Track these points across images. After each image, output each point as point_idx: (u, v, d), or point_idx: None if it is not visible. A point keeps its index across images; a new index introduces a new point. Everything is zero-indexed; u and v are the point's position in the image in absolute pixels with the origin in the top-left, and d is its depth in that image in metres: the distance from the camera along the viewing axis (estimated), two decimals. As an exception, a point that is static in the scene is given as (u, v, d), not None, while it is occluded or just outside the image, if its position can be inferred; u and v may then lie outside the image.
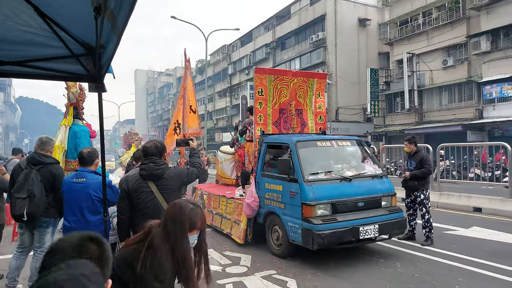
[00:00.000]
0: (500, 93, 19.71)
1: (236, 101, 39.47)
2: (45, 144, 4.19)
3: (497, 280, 4.54)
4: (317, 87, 7.20)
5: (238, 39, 41.65)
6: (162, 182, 3.00)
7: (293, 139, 5.60)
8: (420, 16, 23.85)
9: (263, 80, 6.61)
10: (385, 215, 5.31)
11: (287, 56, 32.51)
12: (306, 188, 4.98)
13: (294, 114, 7.06)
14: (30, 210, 3.79)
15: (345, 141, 6.09)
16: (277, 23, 34.44)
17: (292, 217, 5.16)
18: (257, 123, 6.57)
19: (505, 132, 20.18)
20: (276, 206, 5.54)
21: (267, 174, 5.94)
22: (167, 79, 68.16)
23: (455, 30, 21.72)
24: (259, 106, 6.60)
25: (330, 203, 4.99)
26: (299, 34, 31.73)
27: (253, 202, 5.85)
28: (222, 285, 4.49)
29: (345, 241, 4.94)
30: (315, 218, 4.88)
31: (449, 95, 22.73)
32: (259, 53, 36.51)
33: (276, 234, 5.60)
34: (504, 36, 19.66)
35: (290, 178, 5.24)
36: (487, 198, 8.93)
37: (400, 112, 24.71)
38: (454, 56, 22.36)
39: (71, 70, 2.79)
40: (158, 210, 2.94)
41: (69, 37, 2.33)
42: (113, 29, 1.96)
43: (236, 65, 40.92)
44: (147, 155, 3.07)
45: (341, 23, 28.01)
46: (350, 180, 5.29)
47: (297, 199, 5.07)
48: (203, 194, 8.19)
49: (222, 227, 6.97)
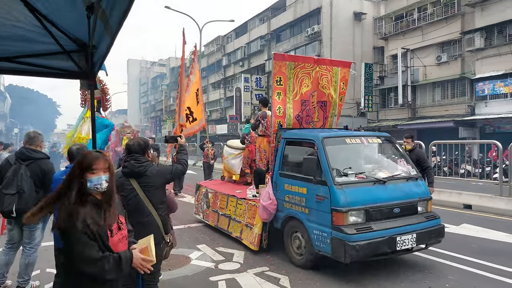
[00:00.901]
0: (492, 90, 19.82)
1: (230, 93, 39.19)
2: (33, 139, 4.09)
3: (486, 278, 4.54)
4: (341, 77, 6.44)
5: (232, 31, 41.18)
6: (144, 179, 2.96)
7: (318, 135, 4.92)
8: (415, 11, 23.76)
9: (282, 67, 5.83)
10: (423, 223, 4.70)
11: (282, 49, 32.22)
12: (336, 192, 4.35)
13: (317, 107, 6.30)
14: (19, 206, 3.72)
15: (376, 138, 5.41)
16: (272, 15, 33.99)
17: (319, 224, 4.55)
18: (275, 115, 5.86)
19: (496, 129, 20.38)
20: (299, 210, 4.91)
21: (287, 174, 5.30)
22: (160, 69, 67.35)
23: (450, 26, 21.69)
24: (277, 97, 5.86)
25: (363, 209, 4.38)
26: (294, 27, 31.36)
27: (270, 205, 5.23)
28: (215, 282, 4.46)
29: (380, 253, 4.34)
30: (348, 226, 4.27)
31: (442, 91, 22.84)
32: (254, 45, 36.09)
33: (297, 241, 5.02)
34: (498, 33, 19.70)
35: (317, 179, 4.61)
36: (477, 195, 8.92)
37: (393, 107, 24.75)
38: (448, 52, 22.40)
39: (63, 67, 2.72)
40: (140, 207, 2.92)
41: (61, 33, 2.27)
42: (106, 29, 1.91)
43: (231, 57, 40.53)
44: (130, 152, 3.04)
45: (336, 17, 27.80)
46: (385, 183, 4.66)
47: (325, 204, 4.45)
48: (208, 192, 7.36)
49: (230, 230, 6.31)
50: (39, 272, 4.72)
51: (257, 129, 6.72)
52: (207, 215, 7.23)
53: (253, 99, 34.04)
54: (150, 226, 2.91)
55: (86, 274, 1.81)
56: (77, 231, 1.77)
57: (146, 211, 2.94)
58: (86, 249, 1.78)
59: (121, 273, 1.89)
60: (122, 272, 1.88)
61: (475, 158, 14.51)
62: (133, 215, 2.80)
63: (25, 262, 4.03)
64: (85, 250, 1.77)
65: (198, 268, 4.98)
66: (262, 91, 34.43)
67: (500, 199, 8.45)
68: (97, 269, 1.79)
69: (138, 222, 2.81)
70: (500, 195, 8.56)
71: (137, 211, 2.88)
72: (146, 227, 2.87)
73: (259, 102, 7.06)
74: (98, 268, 1.80)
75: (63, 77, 2.79)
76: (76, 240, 1.77)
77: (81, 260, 1.78)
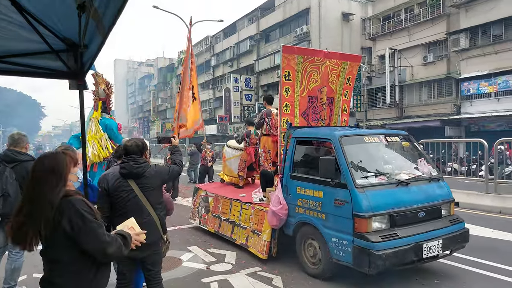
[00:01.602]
0: (477, 90, 20.17)
1: (219, 94, 39.00)
2: (18, 141, 3.95)
3: (474, 274, 4.58)
4: (348, 71, 5.98)
5: (221, 31, 40.97)
6: (142, 180, 2.96)
7: (335, 134, 4.52)
8: (402, 12, 23.99)
9: (291, 61, 5.35)
10: (448, 227, 4.37)
11: (271, 49, 32.23)
12: (359, 196, 3.95)
13: (326, 103, 5.87)
14: (4, 210, 3.59)
15: (394, 136, 4.97)
16: (261, 15, 33.86)
17: (338, 231, 4.16)
18: (283, 113, 5.47)
19: (481, 127, 20.74)
20: (314, 216, 4.49)
21: (299, 176, 4.85)
22: (148, 70, 66.61)
23: (436, 27, 21.97)
24: (286, 93, 5.42)
25: (388, 214, 4.01)
26: (283, 27, 31.30)
27: (280, 210, 4.81)
28: (207, 284, 4.39)
29: (406, 262, 3.97)
30: (372, 233, 3.88)
31: (428, 91, 23.14)
32: (243, 45, 35.91)
33: (311, 249, 4.63)
34: (482, 34, 20.04)
35: (335, 182, 4.20)
36: (465, 193, 8.96)
37: (381, 107, 24.95)
38: (434, 53, 22.70)
39: (51, 67, 2.65)
40: (139, 208, 2.91)
41: (49, 32, 2.21)
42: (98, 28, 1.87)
43: (220, 57, 40.34)
44: (128, 153, 3.02)
45: (325, 17, 27.90)
46: (408, 185, 4.29)
47: (346, 209, 4.05)
48: (208, 195, 6.85)
49: (234, 237, 5.85)
50: (26, 277, 4.60)
51: (261, 128, 6.31)
52: (205, 220, 6.79)
53: (242, 99, 33.97)
54: (149, 226, 2.89)
55: (109, 257, 1.92)
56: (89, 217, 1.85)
57: (145, 211, 2.94)
58: (103, 233, 1.88)
59: (127, 251, 2.01)
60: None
61: (461, 156, 14.80)
62: (132, 216, 2.83)
63: (11, 267, 3.91)
64: (104, 234, 1.88)
65: (189, 269, 4.90)
66: (251, 91, 34.39)
67: (487, 196, 8.62)
68: (117, 248, 1.91)
69: (138, 222, 2.84)
70: (486, 192, 8.73)
71: (136, 212, 2.86)
72: (145, 228, 2.88)
73: (263, 99, 6.70)
74: (118, 247, 1.91)
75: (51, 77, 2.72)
76: (93, 227, 1.85)
77: (101, 243, 1.85)
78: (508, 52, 18.73)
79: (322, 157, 4.31)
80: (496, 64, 19.22)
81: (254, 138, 6.87)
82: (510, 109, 18.48)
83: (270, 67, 31.56)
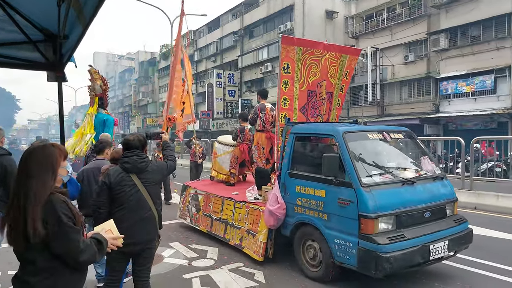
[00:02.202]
0: (455, 89, 20.69)
1: (202, 89, 38.63)
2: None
3: (458, 270, 4.61)
4: (347, 65, 5.73)
5: (205, 25, 40.48)
6: (145, 175, 2.97)
7: (338, 130, 4.28)
8: (384, 12, 24.30)
9: (290, 52, 5.10)
10: (453, 227, 4.21)
11: (255, 45, 32.11)
12: (364, 195, 3.74)
13: (325, 98, 5.57)
14: None
15: (397, 133, 4.76)
16: (245, 10, 33.55)
17: (342, 232, 3.94)
18: (281, 108, 5.16)
19: (458, 126, 21.30)
20: (314, 216, 4.27)
21: (299, 174, 4.60)
22: (128, 63, 65.31)
23: (417, 26, 22.34)
24: (284, 87, 5.14)
25: (394, 214, 3.80)
26: (267, 23, 31.10)
27: (278, 210, 4.55)
28: (189, 280, 4.35)
29: (413, 264, 3.79)
30: (378, 235, 3.67)
31: (409, 90, 23.59)
32: (226, 41, 35.57)
33: (311, 251, 4.39)
34: (461, 34, 20.53)
35: (339, 181, 3.97)
36: None
37: (363, 104, 25.22)
38: (415, 52, 23.12)
39: (28, 58, 2.56)
40: (142, 203, 2.91)
41: (26, 21, 2.15)
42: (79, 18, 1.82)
43: (203, 52, 39.91)
44: (130, 148, 3.00)
45: (309, 14, 27.99)
46: (413, 183, 4.09)
47: (350, 209, 3.83)
48: (198, 194, 6.50)
49: (227, 237, 5.55)
50: (1, 274, 4.52)
51: (255, 124, 5.98)
52: (197, 219, 6.43)
53: (225, 95, 33.77)
54: (150, 221, 2.96)
55: (81, 264, 1.80)
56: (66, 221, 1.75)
57: (147, 206, 2.95)
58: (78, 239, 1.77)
59: (102, 255, 1.92)
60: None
61: (439, 154, 15.20)
62: (135, 210, 2.88)
63: None
64: (79, 241, 1.77)
65: (171, 266, 4.85)
66: (235, 87, 34.23)
67: (463, 193, 8.88)
68: (90, 255, 1.80)
69: (140, 217, 2.89)
70: (462, 189, 9.01)
71: (139, 206, 2.89)
72: (146, 222, 2.93)
73: (257, 94, 6.32)
74: (91, 255, 1.81)
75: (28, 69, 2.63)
76: (68, 232, 1.74)
77: (74, 250, 1.75)
78: (485, 53, 19.27)
79: (325, 154, 4.01)
80: (473, 64, 19.75)
81: (248, 134, 6.56)
82: (486, 109, 19.05)
83: (253, 63, 31.44)
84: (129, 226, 2.81)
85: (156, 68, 51.34)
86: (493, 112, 18.58)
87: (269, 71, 29.87)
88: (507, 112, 18.24)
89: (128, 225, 2.80)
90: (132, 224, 2.84)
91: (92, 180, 3.87)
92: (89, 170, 3.98)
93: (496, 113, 18.50)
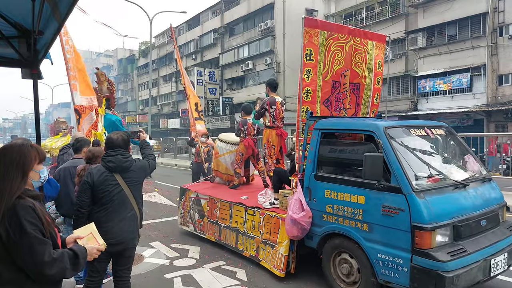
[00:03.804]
0: (433, 87, 21.08)
1: (182, 86, 38.43)
2: None
3: None
4: (376, 53, 5.04)
5: (184, 22, 39.85)
6: (129, 174, 2.93)
7: (378, 125, 3.66)
8: (363, 10, 24.43)
9: (313, 37, 4.40)
10: (509, 237, 3.61)
11: (235, 43, 31.86)
12: (418, 202, 3.12)
13: (349, 90, 4.87)
14: None
15: (438, 128, 4.09)
16: (225, 8, 32.94)
17: (388, 245, 3.32)
18: (303, 101, 4.46)
19: (436, 123, 21.99)
20: (351, 226, 3.66)
21: (328, 177, 3.97)
22: (107, 61, 63.74)
23: (395, 25, 22.51)
24: (307, 77, 4.43)
25: (451, 224, 3.20)
26: (248, 21, 30.65)
27: (303, 218, 3.91)
28: (170, 279, 4.27)
29: (474, 283, 3.21)
30: (437, 250, 3.06)
31: (388, 88, 24.14)
32: (206, 38, 34.97)
33: (345, 267, 3.77)
34: (438, 34, 20.91)
35: (384, 185, 3.36)
36: None
37: (343, 102, 25.77)
38: (393, 51, 23.46)
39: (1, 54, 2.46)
40: (125, 202, 2.87)
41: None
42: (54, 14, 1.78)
43: (183, 49, 39.28)
44: (114, 147, 2.93)
45: (289, 12, 27.88)
46: (465, 187, 3.51)
47: (400, 219, 3.21)
48: (200, 198, 5.80)
49: (239, 247, 4.94)
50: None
51: (262, 118, 5.38)
52: (201, 226, 5.75)
53: (206, 93, 33.37)
54: (132, 221, 2.91)
55: (47, 278, 1.60)
56: (30, 231, 1.55)
57: (130, 206, 2.91)
58: (43, 251, 1.57)
59: (79, 269, 1.73)
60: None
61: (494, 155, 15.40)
62: (118, 210, 2.83)
63: None
64: (44, 253, 1.57)
65: (151, 266, 4.75)
66: (215, 85, 33.94)
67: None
68: (59, 269, 1.61)
69: (123, 217, 2.85)
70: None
71: (122, 206, 2.86)
72: (129, 222, 2.88)
73: (266, 86, 5.55)
74: (60, 269, 1.61)
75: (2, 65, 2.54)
76: (31, 243, 1.54)
77: (38, 263, 1.55)
78: (461, 51, 19.66)
79: (367, 154, 3.34)
80: (450, 63, 20.16)
81: (252, 127, 5.99)
82: (463, 106, 19.51)
83: (234, 60, 31.17)
84: (113, 225, 2.79)
85: (135, 66, 50.38)
86: (470, 109, 19.10)
87: (250, 69, 29.73)
88: (482, 110, 18.82)
89: (111, 224, 2.79)
90: (115, 224, 2.81)
91: (68, 180, 3.81)
92: (66, 169, 3.90)
93: (472, 110, 19.02)
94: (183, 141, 27.78)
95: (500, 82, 19.03)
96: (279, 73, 26.95)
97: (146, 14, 25.20)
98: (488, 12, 18.65)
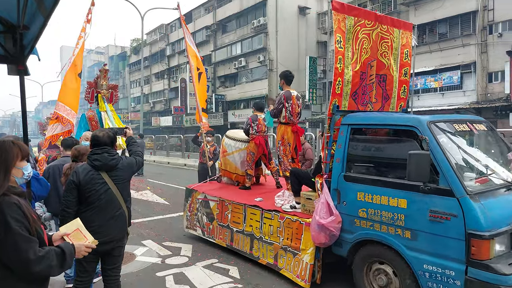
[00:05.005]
0: (424, 85, 21.19)
1: (174, 84, 37.74)
2: None
3: None
4: (403, 43, 4.56)
5: (176, 19, 39.43)
6: (116, 172, 2.84)
7: (421, 119, 3.26)
8: (356, 8, 25.01)
9: (341, 22, 3.94)
10: None
11: (228, 40, 31.68)
12: (474, 207, 2.77)
13: (375, 82, 4.35)
14: None
15: (479, 124, 3.69)
16: (218, 5, 32.48)
17: (436, 255, 2.97)
18: (334, 93, 3.91)
19: (427, 120, 22.20)
20: (389, 232, 3.29)
21: (361, 177, 3.56)
22: (98, 58, 63.05)
23: (387, 23, 23.11)
24: (339, 66, 3.88)
25: (510, 231, 2.87)
26: (240, 18, 30.35)
27: (331, 223, 3.53)
28: (162, 277, 4.21)
29: None
30: (496, 261, 2.72)
31: (380, 85, 24.32)
32: (199, 35, 34.62)
33: (382, 278, 3.40)
34: (429, 31, 21.00)
35: (430, 187, 2.98)
36: None
37: (336, 99, 25.80)
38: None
39: (-14, 50, 2.45)
40: (112, 201, 2.80)
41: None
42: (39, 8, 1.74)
43: (175, 46, 38.99)
44: (100, 144, 2.83)
45: (281, 10, 27.77)
46: None
47: (452, 225, 2.86)
48: (209, 200, 5.36)
49: (255, 254, 4.53)
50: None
51: (279, 116, 4.87)
52: (211, 230, 5.34)
53: (199, 91, 33.47)
54: (120, 219, 2.85)
55: (33, 276, 1.59)
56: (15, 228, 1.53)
57: (117, 204, 2.84)
58: (28, 248, 1.56)
59: (66, 267, 1.71)
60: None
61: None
62: (105, 209, 2.76)
63: None
64: (29, 250, 1.56)
65: (143, 264, 4.69)
66: (208, 82, 33.96)
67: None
68: (46, 266, 1.59)
69: (111, 216, 2.79)
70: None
71: (109, 205, 2.79)
72: (117, 220, 2.83)
73: (281, 78, 5.01)
74: (47, 266, 1.60)
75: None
76: (16, 240, 1.53)
77: (23, 260, 1.54)
78: (452, 49, 19.77)
79: (412, 152, 2.95)
80: (441, 60, 20.30)
81: (262, 124, 5.59)
82: (453, 104, 19.67)
83: (227, 58, 30.98)
84: (101, 225, 2.74)
85: (126, 63, 49.92)
86: (460, 106, 19.26)
87: (243, 66, 29.60)
88: (473, 107, 19.01)
89: (99, 224, 2.73)
90: (103, 223, 2.74)
91: (57, 177, 3.76)
92: (55, 166, 3.86)
93: (462, 107, 19.19)
94: (176, 138, 27.61)
95: (490, 80, 19.22)
96: (272, 70, 26.90)
97: (138, 10, 24.94)
98: (478, 10, 18.81)
